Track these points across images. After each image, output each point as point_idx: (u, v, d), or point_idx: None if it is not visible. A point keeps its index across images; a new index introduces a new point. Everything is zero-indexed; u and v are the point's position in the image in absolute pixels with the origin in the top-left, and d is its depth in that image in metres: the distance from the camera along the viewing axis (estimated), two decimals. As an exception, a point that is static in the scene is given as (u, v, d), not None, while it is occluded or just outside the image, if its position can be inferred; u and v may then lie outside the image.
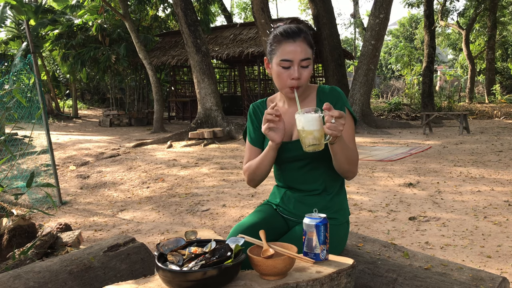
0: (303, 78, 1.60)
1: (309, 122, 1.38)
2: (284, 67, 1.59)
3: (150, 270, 2.09)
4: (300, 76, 1.59)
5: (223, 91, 18.00)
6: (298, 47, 1.57)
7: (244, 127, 7.25)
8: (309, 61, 1.60)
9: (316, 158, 1.62)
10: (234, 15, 29.76)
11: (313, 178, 1.67)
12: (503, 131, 10.01)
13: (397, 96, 21.51)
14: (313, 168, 1.65)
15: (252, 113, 1.78)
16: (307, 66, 1.60)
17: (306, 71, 1.60)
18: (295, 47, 1.57)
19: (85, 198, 5.56)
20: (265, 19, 9.85)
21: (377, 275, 1.61)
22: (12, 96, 3.34)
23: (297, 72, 1.58)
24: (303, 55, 1.58)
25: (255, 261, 1.18)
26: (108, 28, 14.45)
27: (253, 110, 1.78)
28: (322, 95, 1.69)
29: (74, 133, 12.25)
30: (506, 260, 2.89)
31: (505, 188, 4.75)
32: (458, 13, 20.56)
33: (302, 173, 1.67)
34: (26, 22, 5.68)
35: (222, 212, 4.38)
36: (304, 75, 1.60)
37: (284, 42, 1.58)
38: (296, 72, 1.58)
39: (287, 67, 1.59)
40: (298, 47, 1.57)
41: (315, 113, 1.38)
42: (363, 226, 3.72)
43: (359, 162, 7.01)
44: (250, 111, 1.79)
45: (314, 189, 1.67)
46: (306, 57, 1.58)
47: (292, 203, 1.70)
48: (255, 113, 1.78)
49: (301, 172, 1.67)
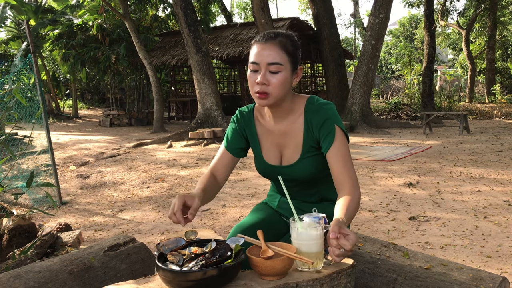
0: (272, 85, 1.44)
1: (309, 243, 1.19)
2: (251, 70, 1.47)
3: (150, 270, 2.09)
4: (267, 81, 1.43)
5: (223, 91, 17.99)
6: (267, 50, 1.44)
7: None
8: (279, 67, 1.43)
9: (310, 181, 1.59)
10: (234, 15, 29.76)
11: (308, 194, 1.65)
12: (503, 131, 10.00)
13: (397, 96, 21.53)
14: (307, 188, 1.63)
15: (236, 119, 1.66)
16: (276, 72, 1.43)
17: (275, 77, 1.44)
18: (263, 50, 1.44)
19: (85, 198, 5.56)
20: (265, 19, 9.85)
21: (377, 275, 1.61)
22: (12, 96, 3.34)
23: (262, 76, 1.43)
24: (271, 58, 1.43)
25: (254, 261, 1.18)
26: (108, 28, 14.45)
27: (237, 117, 1.67)
28: (311, 115, 1.52)
29: (74, 133, 12.25)
30: (506, 260, 2.89)
31: (505, 188, 4.75)
32: (458, 13, 20.57)
33: (296, 190, 1.63)
34: (26, 22, 5.68)
35: (222, 212, 4.38)
36: (273, 82, 1.44)
37: (256, 44, 1.48)
38: (261, 76, 1.43)
39: (255, 71, 1.46)
40: (267, 50, 1.44)
41: (317, 224, 1.20)
42: (363, 226, 3.72)
43: (359, 162, 6.98)
44: (235, 117, 1.68)
45: (310, 201, 1.65)
46: (274, 61, 1.43)
47: (289, 210, 1.67)
48: (238, 120, 1.66)
49: (294, 189, 1.63)
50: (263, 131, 1.62)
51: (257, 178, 5.68)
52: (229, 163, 1.65)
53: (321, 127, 1.49)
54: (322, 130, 1.49)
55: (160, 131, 11.80)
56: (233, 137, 1.65)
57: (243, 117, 1.65)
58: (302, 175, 1.56)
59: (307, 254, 1.20)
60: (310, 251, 1.20)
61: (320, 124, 1.49)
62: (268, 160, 1.61)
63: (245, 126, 1.65)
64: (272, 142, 1.60)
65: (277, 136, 1.58)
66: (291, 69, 1.48)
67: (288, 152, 1.58)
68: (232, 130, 1.66)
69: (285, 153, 1.59)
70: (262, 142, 1.63)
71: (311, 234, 1.20)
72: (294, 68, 1.49)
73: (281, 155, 1.60)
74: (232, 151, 1.65)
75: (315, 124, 1.50)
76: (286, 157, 1.58)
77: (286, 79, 1.46)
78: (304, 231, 1.20)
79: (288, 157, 1.58)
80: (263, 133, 1.62)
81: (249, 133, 1.65)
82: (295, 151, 1.56)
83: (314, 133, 1.51)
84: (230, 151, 1.65)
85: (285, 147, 1.58)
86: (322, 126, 1.49)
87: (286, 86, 1.47)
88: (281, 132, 1.58)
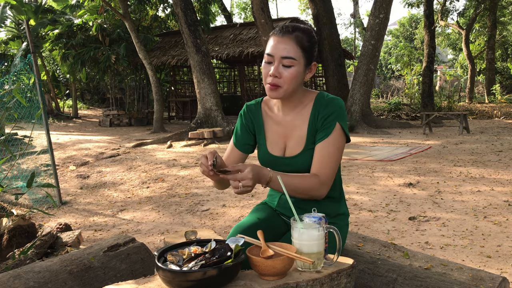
0: (284, 78, 1.47)
1: (311, 243, 1.19)
2: (266, 62, 1.50)
3: (150, 270, 2.09)
4: (279, 74, 1.46)
5: (223, 91, 17.99)
6: (283, 44, 1.46)
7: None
8: (292, 61, 1.46)
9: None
10: (234, 15, 29.76)
11: None
12: (503, 131, 10.01)
13: (397, 96, 21.53)
14: None
15: (243, 114, 1.69)
16: (289, 66, 1.46)
17: (288, 71, 1.46)
18: (279, 43, 1.47)
19: (85, 198, 5.56)
20: (265, 19, 9.85)
21: (377, 275, 1.61)
22: (12, 96, 3.34)
23: (274, 69, 1.46)
24: (285, 52, 1.46)
25: (254, 261, 1.18)
26: (108, 28, 14.45)
27: (244, 112, 1.69)
28: (320, 107, 1.54)
29: (74, 133, 12.25)
30: (506, 260, 2.89)
31: (505, 188, 4.75)
32: (458, 13, 20.58)
33: None
34: (26, 22, 5.68)
35: (222, 212, 4.38)
36: (285, 75, 1.46)
37: (273, 36, 1.50)
38: (274, 69, 1.46)
39: (269, 62, 1.49)
40: (283, 44, 1.46)
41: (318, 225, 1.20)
42: (363, 226, 3.72)
43: (359, 162, 6.97)
44: (242, 111, 1.70)
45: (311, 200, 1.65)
46: (288, 56, 1.45)
47: (288, 209, 1.68)
48: (245, 115, 1.68)
49: None
50: (270, 123, 1.64)
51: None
52: (238, 159, 1.68)
53: (324, 120, 1.51)
54: (324, 122, 1.52)
55: (160, 131, 11.81)
56: (241, 133, 1.68)
57: (250, 110, 1.68)
58: (304, 167, 1.56)
59: (308, 254, 1.20)
60: (311, 251, 1.20)
61: (325, 117, 1.51)
62: (271, 151, 1.62)
63: (253, 118, 1.67)
64: (278, 134, 1.62)
65: (283, 128, 1.60)
66: (305, 64, 1.50)
67: (292, 144, 1.59)
68: (240, 126, 1.69)
69: (289, 145, 1.60)
70: (268, 133, 1.64)
71: (312, 234, 1.20)
72: (308, 63, 1.51)
73: (285, 147, 1.61)
74: (241, 147, 1.68)
75: (321, 116, 1.52)
76: (290, 148, 1.59)
77: (298, 74, 1.49)
78: (306, 231, 1.20)
79: (292, 149, 1.59)
80: (270, 124, 1.64)
81: (256, 125, 1.67)
82: (298, 142, 1.57)
83: (318, 124, 1.53)
84: (239, 147, 1.68)
85: (289, 138, 1.60)
86: (325, 119, 1.51)
87: (298, 80, 1.50)
88: (287, 123, 1.60)
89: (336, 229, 1.25)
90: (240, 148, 1.68)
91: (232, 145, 1.70)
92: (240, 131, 1.69)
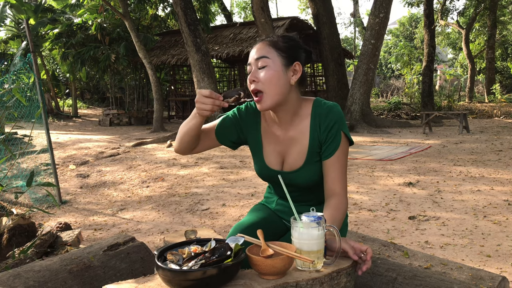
0: (261, 80, 1.42)
1: (311, 242, 1.19)
2: (247, 73, 1.48)
3: (150, 269, 2.09)
4: (256, 78, 1.43)
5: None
6: (255, 49, 1.46)
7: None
8: (265, 60, 1.41)
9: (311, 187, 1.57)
10: (234, 14, 29.73)
11: (306, 199, 1.63)
12: (503, 130, 10.01)
13: (397, 95, 21.51)
14: (307, 193, 1.61)
15: (240, 114, 1.61)
16: (263, 66, 1.42)
17: (262, 72, 1.42)
18: (253, 49, 1.47)
19: (85, 197, 5.56)
20: (265, 18, 9.84)
21: (377, 274, 1.61)
22: (12, 95, 3.34)
23: (251, 74, 1.44)
24: (258, 54, 1.43)
25: (254, 260, 1.18)
26: (107, 27, 14.44)
27: (242, 112, 1.61)
28: (319, 118, 1.48)
29: (74, 133, 12.25)
30: (505, 260, 2.89)
31: (505, 188, 4.75)
32: (458, 12, 20.58)
33: (295, 195, 1.58)
34: (25, 21, 5.68)
35: (222, 212, 4.38)
36: (261, 76, 1.42)
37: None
38: (251, 74, 1.44)
39: (249, 72, 1.47)
40: (255, 49, 1.46)
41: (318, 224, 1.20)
42: (363, 225, 3.72)
43: (358, 161, 6.97)
44: (241, 108, 1.62)
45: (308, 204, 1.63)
46: (260, 55, 1.42)
47: (286, 212, 1.67)
48: (241, 116, 1.60)
49: (292, 194, 1.58)
50: (268, 135, 1.58)
51: (257, 178, 5.68)
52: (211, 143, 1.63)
53: (328, 131, 1.47)
54: (328, 134, 1.47)
55: (160, 131, 11.80)
56: (229, 127, 1.60)
57: (248, 115, 1.60)
58: (305, 181, 1.54)
59: (308, 253, 1.20)
60: (311, 251, 1.20)
61: (329, 128, 1.47)
62: (269, 163, 1.58)
63: (249, 125, 1.60)
64: (276, 147, 1.57)
65: (282, 141, 1.55)
66: (283, 64, 1.43)
67: (291, 158, 1.54)
68: (230, 120, 1.61)
69: (288, 159, 1.55)
70: (265, 145, 1.59)
71: (312, 234, 1.20)
72: (287, 63, 1.44)
73: (283, 161, 1.56)
74: (220, 137, 1.61)
75: (324, 128, 1.48)
76: (289, 163, 1.55)
77: (276, 74, 1.42)
78: (306, 231, 1.20)
79: (291, 163, 1.54)
80: (268, 136, 1.58)
81: (251, 134, 1.61)
82: (299, 156, 1.52)
83: (321, 136, 1.48)
84: (218, 136, 1.61)
85: (288, 153, 1.55)
86: (329, 131, 1.47)
87: (279, 82, 1.42)
88: (286, 137, 1.54)
89: (336, 228, 1.25)
90: (218, 137, 1.61)
91: (212, 128, 1.61)
92: (228, 124, 1.60)
